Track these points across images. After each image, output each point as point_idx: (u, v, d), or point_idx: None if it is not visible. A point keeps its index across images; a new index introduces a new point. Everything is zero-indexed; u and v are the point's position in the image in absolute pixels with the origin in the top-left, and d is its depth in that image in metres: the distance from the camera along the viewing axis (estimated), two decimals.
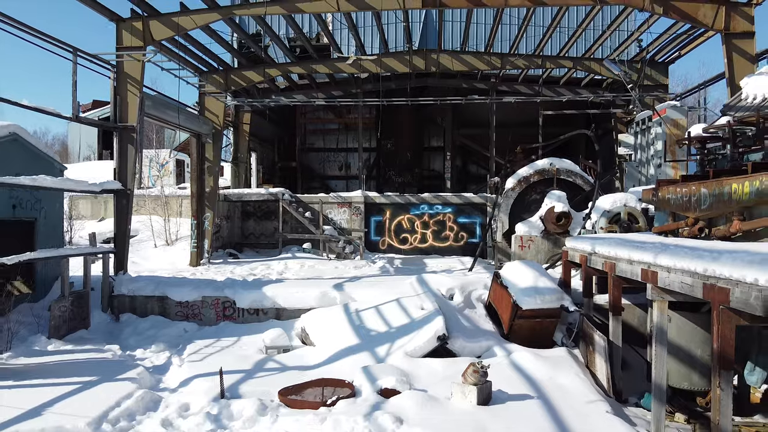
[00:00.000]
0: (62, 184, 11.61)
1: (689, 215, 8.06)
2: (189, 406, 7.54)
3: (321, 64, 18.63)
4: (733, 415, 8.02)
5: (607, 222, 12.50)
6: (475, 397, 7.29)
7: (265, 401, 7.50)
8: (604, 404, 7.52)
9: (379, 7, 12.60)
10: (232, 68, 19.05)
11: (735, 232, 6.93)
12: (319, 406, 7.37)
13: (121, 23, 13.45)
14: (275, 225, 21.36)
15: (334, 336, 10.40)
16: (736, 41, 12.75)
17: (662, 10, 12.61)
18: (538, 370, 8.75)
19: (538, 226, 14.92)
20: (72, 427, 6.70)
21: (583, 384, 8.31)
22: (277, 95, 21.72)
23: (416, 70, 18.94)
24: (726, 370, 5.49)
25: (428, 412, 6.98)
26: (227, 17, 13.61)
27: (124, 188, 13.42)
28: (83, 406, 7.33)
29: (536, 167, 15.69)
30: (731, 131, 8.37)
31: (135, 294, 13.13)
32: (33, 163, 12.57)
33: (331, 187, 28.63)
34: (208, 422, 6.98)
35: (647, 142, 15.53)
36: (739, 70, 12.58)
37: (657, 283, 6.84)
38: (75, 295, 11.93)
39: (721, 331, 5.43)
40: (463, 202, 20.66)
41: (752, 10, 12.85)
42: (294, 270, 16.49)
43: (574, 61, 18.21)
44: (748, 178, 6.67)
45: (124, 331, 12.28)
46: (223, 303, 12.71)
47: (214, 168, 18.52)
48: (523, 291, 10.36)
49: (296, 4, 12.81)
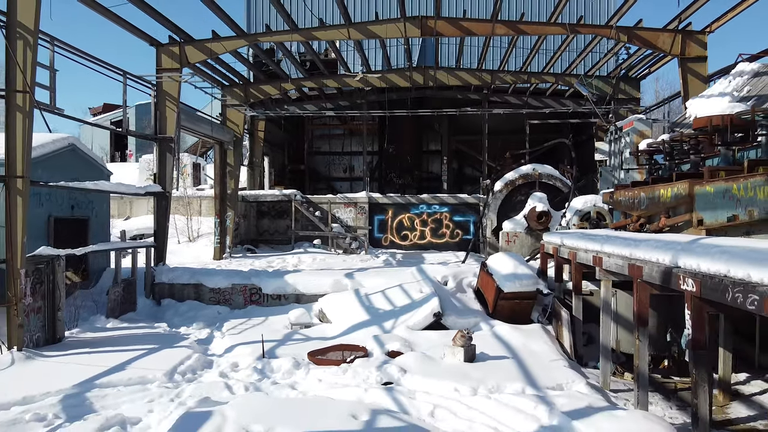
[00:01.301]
0: (116, 188, 13.52)
1: (634, 214, 10.00)
2: (237, 364, 9.47)
3: (331, 79, 20.55)
4: (674, 375, 9.97)
5: (579, 220, 14.43)
6: (462, 356, 9.21)
7: (298, 359, 9.44)
8: (563, 362, 9.44)
9: (384, 35, 14.51)
10: (250, 83, 20.96)
11: (663, 227, 8.87)
12: (341, 363, 9.30)
13: (160, 48, 15.36)
14: (288, 223, 23.25)
15: (348, 314, 12.32)
16: (690, 64, 14.66)
17: (627, 38, 14.53)
18: (515, 338, 10.69)
19: (522, 223, 16.86)
20: (153, 376, 8.63)
21: (550, 349, 10.24)
22: (289, 105, 23.63)
23: (416, 84, 20.86)
24: (643, 326, 7.42)
25: (425, 366, 8.92)
26: (252, 43, 15.53)
27: (164, 191, 15.34)
28: (155, 364, 9.25)
29: (521, 172, 17.62)
30: (669, 146, 10.29)
31: (173, 282, 15.05)
32: (87, 169, 14.49)
33: (336, 188, 30.55)
34: (255, 374, 8.91)
35: (619, 149, 17.42)
36: (693, 90, 14.50)
37: (602, 266, 8.76)
38: (125, 283, 13.87)
39: (638, 298, 7.36)
40: (458, 202, 22.55)
41: (705, 38, 14.77)
42: (307, 263, 18.38)
43: (557, 76, 20.14)
44: (670, 185, 8.60)
45: (167, 313, 14.20)
46: (250, 289, 14.63)
47: (235, 172, 20.42)
48: (505, 277, 12.27)
49: (312, 33, 14.73)
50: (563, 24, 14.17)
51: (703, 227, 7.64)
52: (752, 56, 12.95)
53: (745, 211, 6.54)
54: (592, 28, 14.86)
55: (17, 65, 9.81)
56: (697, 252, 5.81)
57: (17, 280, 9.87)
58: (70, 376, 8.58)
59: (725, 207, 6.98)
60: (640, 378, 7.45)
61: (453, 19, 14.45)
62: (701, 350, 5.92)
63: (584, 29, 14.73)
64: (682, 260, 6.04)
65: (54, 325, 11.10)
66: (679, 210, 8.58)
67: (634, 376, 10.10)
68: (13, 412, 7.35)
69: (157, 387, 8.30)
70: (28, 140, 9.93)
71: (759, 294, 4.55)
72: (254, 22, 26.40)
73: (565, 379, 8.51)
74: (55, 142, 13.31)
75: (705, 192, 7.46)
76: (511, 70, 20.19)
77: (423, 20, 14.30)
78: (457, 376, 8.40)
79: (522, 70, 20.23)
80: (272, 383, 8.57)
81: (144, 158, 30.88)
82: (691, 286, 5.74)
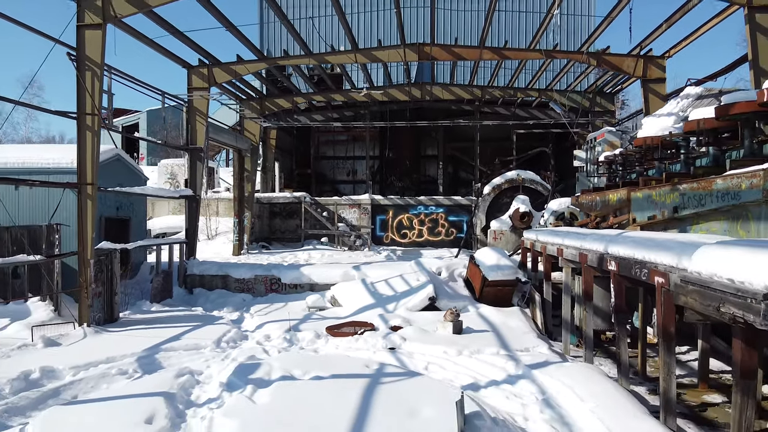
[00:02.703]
0: (157, 191, 15.59)
1: (592, 214, 12.06)
2: (269, 336, 11.50)
3: (338, 93, 22.62)
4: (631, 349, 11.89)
5: (555, 219, 16.49)
6: (451, 329, 11.25)
7: (318, 332, 11.48)
8: (534, 334, 11.48)
9: (386, 60, 16.56)
10: (266, 96, 23.01)
11: (612, 224, 10.93)
12: (353, 335, 11.33)
13: (191, 69, 17.40)
14: (297, 222, 25.31)
15: (356, 299, 14.35)
16: (651, 85, 16.72)
17: (596, 63, 16.59)
18: (496, 317, 12.73)
19: (507, 222, 18.92)
20: (204, 344, 10.66)
21: (524, 325, 12.28)
22: (299, 115, 25.69)
23: (414, 98, 22.94)
24: (589, 300, 9.47)
25: (421, 336, 10.96)
26: (272, 65, 17.59)
27: (194, 194, 17.38)
28: (203, 335, 11.28)
29: (507, 177, 19.70)
30: (622, 158, 12.34)
31: (203, 273, 17.08)
32: (129, 175, 16.53)
33: (340, 190, 32.62)
34: (284, 342, 10.95)
35: (593, 157, 19.49)
36: (653, 107, 16.53)
37: (563, 255, 10.81)
38: (164, 274, 15.91)
39: (585, 278, 9.40)
40: (452, 203, 24.61)
41: (664, 62, 16.83)
42: (316, 258, 20.40)
43: (540, 91, 22.22)
44: (616, 191, 10.66)
45: (199, 300, 16.22)
46: (271, 279, 16.66)
47: (252, 176, 22.47)
48: (489, 268, 14.32)
49: (325, 57, 16.79)
50: (541, 50, 16.23)
51: (637, 224, 9.69)
52: (698, 81, 14.99)
53: (660, 212, 8.58)
54: (566, 54, 16.94)
55: (87, 92, 11.86)
56: (618, 242, 7.86)
57: (87, 268, 11.92)
58: (138, 343, 10.61)
59: (648, 209, 9.03)
60: (587, 340, 9.49)
61: (446, 45, 16.51)
62: (622, 313, 7.97)
63: (559, 54, 16.80)
64: (610, 248, 8.09)
65: (111, 307, 13.15)
66: (623, 210, 10.64)
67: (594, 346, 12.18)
68: (101, 368, 9.36)
69: (209, 351, 10.34)
70: (96, 154, 11.97)
71: (647, 268, 6.60)
72: (266, 40, 28.44)
73: (532, 344, 10.55)
74: (105, 153, 15.32)
75: (636, 197, 9.51)
76: (499, 86, 22.26)
77: (420, 47, 16.35)
78: (447, 343, 10.45)
79: (509, 85, 22.30)
80: (299, 348, 10.63)
81: (162, 163, 32.90)
82: (614, 266, 7.79)
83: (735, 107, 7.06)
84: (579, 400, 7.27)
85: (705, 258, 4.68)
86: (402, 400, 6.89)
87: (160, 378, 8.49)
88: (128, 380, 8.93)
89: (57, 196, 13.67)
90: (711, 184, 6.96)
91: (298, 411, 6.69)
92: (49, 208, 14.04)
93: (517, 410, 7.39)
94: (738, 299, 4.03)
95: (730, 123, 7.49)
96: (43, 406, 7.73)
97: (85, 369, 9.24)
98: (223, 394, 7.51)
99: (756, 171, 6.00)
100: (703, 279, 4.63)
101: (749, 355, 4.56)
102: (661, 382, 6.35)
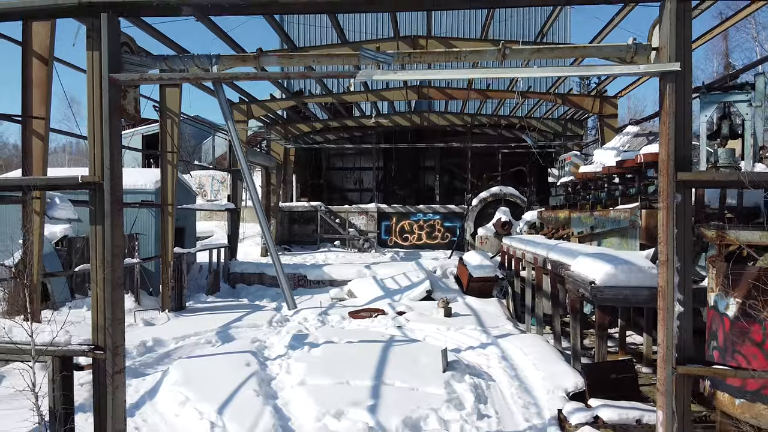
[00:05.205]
0: (211, 206, 19.16)
1: (549, 226, 15.63)
2: (306, 318, 15.05)
3: (350, 119, 26.21)
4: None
5: (528, 228, 20.04)
6: (443, 313, 14.81)
7: (342, 316, 15.05)
8: (505, 317, 15.03)
9: (392, 98, 20.11)
10: (288, 122, 26.61)
11: (561, 236, 14.50)
12: (369, 317, 14.88)
13: (233, 105, 20.96)
14: (313, 228, 28.86)
15: (369, 292, 17.90)
16: (606, 119, 20.25)
17: (562, 102, 20.16)
18: (478, 305, 16.29)
19: (491, 230, 22.48)
20: (260, 323, 14.20)
21: (499, 311, 15.84)
22: (314, 135, 29.29)
23: (414, 123, 26.53)
24: (539, 290, 13.03)
25: (421, 318, 14.53)
26: (300, 102, 21.16)
27: (236, 207, 20.95)
28: (257, 318, 14.83)
29: (491, 191, 23.27)
30: (573, 183, 15.89)
31: (243, 272, 20.65)
32: (184, 193, 20.07)
33: (348, 198, 36.19)
34: (319, 322, 14.51)
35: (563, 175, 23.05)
36: (608, 138, 20.09)
37: (525, 258, 14.38)
38: (213, 272, 19.48)
39: (536, 275, 12.96)
40: (447, 211, 28.14)
41: (617, 101, 20.38)
42: (332, 259, 23.93)
43: (520, 118, 25.80)
44: (563, 211, 14.23)
45: (241, 293, 19.79)
46: (298, 277, 20.22)
47: (277, 189, 26.04)
48: (474, 267, 17.90)
49: (342, 97, 20.34)
50: (516, 91, 19.82)
51: (575, 237, 13.26)
52: (636, 121, 18.55)
53: (585, 229, 12.14)
54: (537, 95, 20.51)
55: (168, 135, 15.42)
56: (554, 250, 11.43)
57: (168, 268, 15.49)
58: (211, 323, 14.15)
59: (580, 226, 12.59)
60: (537, 319, 13.05)
61: (440, 88, 20.07)
62: (555, 298, 11.54)
63: (532, 95, 20.37)
64: (549, 254, 11.67)
65: (181, 298, 16.72)
66: (568, 226, 14.22)
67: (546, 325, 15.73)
68: (192, 339, 12.90)
69: (265, 328, 13.91)
70: (175, 181, 15.53)
71: (563, 267, 10.15)
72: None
73: (501, 324, 14.10)
74: None
75: (574, 217, 13.08)
76: (486, 114, 25.83)
77: (419, 89, 19.92)
78: (439, 323, 14.03)
79: (494, 113, 25.90)
80: (330, 326, 14.21)
81: (194, 174, 36.46)
82: (550, 267, 11.36)
83: (626, 163, 10.62)
84: (524, 355, 10.84)
85: (576, 263, 8.23)
86: (407, 354, 10.47)
87: (239, 343, 12.06)
88: (213, 347, 12.46)
89: (134, 211, 17.22)
90: (608, 213, 10.52)
91: (340, 359, 10.26)
92: (128, 220, 17.59)
93: (483, 362, 10.96)
94: (583, 285, 7.56)
95: (627, 170, 11.05)
96: (163, 363, 11.27)
97: (183, 339, 12.78)
98: (289, 351, 11.08)
99: (626, 209, 9.55)
100: (574, 274, 8.16)
101: (602, 316, 8.13)
102: (571, 338, 9.92)
